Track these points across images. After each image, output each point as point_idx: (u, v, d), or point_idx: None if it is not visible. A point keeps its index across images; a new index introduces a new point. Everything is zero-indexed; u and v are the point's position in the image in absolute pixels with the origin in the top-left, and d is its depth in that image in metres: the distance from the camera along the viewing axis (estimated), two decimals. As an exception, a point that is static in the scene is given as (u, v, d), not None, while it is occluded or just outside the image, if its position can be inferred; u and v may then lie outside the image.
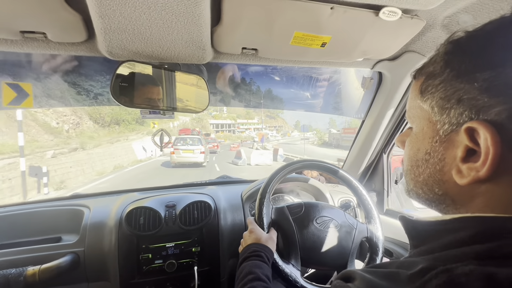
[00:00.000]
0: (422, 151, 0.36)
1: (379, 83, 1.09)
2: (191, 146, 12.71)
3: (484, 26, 0.31)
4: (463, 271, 0.24)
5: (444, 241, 0.30)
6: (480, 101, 0.28)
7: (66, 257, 0.92)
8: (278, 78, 1.61)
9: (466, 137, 0.30)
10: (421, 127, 0.36)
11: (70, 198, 1.28)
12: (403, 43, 0.81)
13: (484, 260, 0.25)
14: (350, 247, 0.87)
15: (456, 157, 0.31)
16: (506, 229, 0.27)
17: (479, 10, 0.64)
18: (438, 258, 0.29)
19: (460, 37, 0.32)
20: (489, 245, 0.26)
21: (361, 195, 0.97)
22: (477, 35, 0.31)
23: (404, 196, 1.30)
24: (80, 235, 0.99)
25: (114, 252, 0.96)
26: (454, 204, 0.34)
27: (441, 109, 0.32)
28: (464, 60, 0.30)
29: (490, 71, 0.28)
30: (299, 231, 0.86)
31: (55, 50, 0.73)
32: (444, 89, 0.32)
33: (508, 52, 0.27)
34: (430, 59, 0.36)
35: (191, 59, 0.82)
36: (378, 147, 1.27)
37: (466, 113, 0.30)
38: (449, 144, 0.32)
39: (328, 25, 0.69)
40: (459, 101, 0.30)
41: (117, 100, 0.79)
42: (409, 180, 0.40)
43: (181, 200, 1.11)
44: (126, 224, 0.98)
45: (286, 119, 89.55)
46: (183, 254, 1.02)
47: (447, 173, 0.33)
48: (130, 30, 0.65)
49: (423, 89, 0.35)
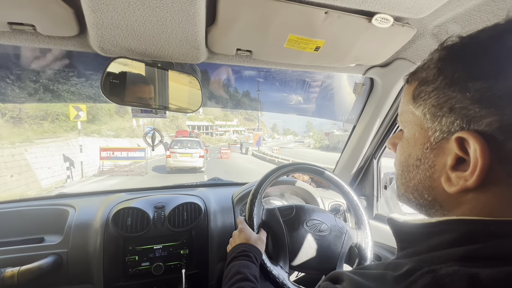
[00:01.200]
0: (413, 157, 0.36)
1: (371, 89, 1.11)
2: (189, 149, 11.51)
3: (478, 33, 0.31)
4: (447, 271, 0.25)
5: (430, 243, 0.31)
6: (472, 111, 0.28)
7: (48, 258, 0.89)
8: (260, 80, 1.61)
9: (456, 146, 0.30)
10: (413, 132, 0.37)
11: (55, 197, 1.24)
12: (394, 50, 0.83)
13: (468, 261, 0.26)
14: (339, 251, 0.86)
15: (446, 165, 0.32)
16: (489, 231, 0.27)
17: (467, 20, 0.66)
18: (423, 260, 0.29)
19: (454, 43, 0.33)
20: (473, 247, 0.27)
21: (352, 201, 0.97)
22: (471, 43, 0.31)
23: (393, 202, 1.32)
24: (64, 235, 0.96)
25: (99, 254, 0.93)
26: (442, 209, 0.34)
27: (433, 116, 0.33)
28: (457, 69, 0.30)
29: (483, 81, 0.28)
30: (289, 233, 0.85)
31: (44, 44, 0.71)
32: (436, 96, 0.32)
33: (501, 63, 0.28)
34: (424, 64, 0.36)
35: (185, 59, 0.81)
36: (368, 152, 1.28)
37: (457, 122, 0.30)
38: (439, 151, 0.33)
39: (322, 29, 0.70)
40: (451, 110, 0.30)
41: (107, 97, 0.77)
42: (400, 185, 0.40)
43: (171, 201, 1.09)
44: (113, 225, 0.96)
45: (264, 122, 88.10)
46: (171, 257, 1.00)
47: (437, 180, 0.33)
48: (123, 26, 0.64)
49: (416, 94, 0.35)
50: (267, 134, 66.23)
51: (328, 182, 1.00)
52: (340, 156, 1.40)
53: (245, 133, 55.67)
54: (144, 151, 11.81)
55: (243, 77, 1.73)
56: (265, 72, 1.70)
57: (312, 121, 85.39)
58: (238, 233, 0.81)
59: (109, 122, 22.53)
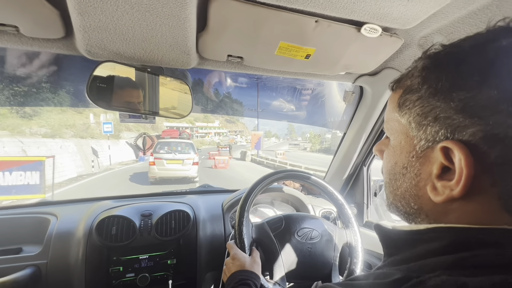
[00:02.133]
0: (399, 165, 0.36)
1: (360, 97, 1.13)
2: (179, 154, 9.07)
3: (460, 42, 0.31)
4: (435, 282, 0.25)
5: (418, 250, 0.31)
6: (456, 120, 0.29)
7: (25, 270, 0.84)
8: (239, 84, 1.57)
9: (442, 155, 0.30)
10: (399, 140, 0.36)
11: (36, 205, 1.18)
12: (382, 60, 0.85)
13: (456, 269, 0.26)
14: (332, 255, 0.87)
15: (431, 173, 0.32)
16: (478, 239, 0.27)
17: (451, 32, 0.69)
18: (412, 269, 0.29)
19: (437, 52, 0.33)
20: (462, 255, 0.27)
21: (336, 200, 0.97)
22: (453, 52, 0.31)
23: (382, 209, 1.33)
24: (44, 246, 0.91)
25: (81, 265, 0.89)
26: (428, 218, 0.34)
27: (418, 125, 0.33)
28: (441, 78, 0.30)
29: (466, 91, 0.28)
30: (281, 247, 0.84)
31: (28, 46, 0.69)
32: (421, 105, 0.32)
33: (483, 73, 0.28)
34: (408, 72, 0.36)
35: (175, 64, 0.80)
36: (358, 160, 1.30)
37: (442, 132, 0.30)
38: (425, 160, 0.33)
39: (312, 37, 0.70)
40: (436, 119, 0.30)
41: (93, 101, 0.75)
42: (388, 193, 0.40)
43: (158, 209, 1.06)
44: (97, 234, 0.92)
45: (246, 124, 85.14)
46: (157, 267, 0.97)
47: (422, 189, 0.33)
48: (111, 30, 0.63)
49: (401, 103, 0.35)
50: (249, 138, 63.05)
51: (314, 186, 1.00)
52: (330, 163, 1.40)
53: (231, 135, 53.02)
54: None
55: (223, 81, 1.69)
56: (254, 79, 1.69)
57: (294, 123, 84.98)
58: (232, 261, 0.77)
59: (52, 116, 17.23)
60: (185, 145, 9.64)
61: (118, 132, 23.83)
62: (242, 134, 64.32)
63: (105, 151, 16.11)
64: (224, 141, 41.35)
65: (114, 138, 19.75)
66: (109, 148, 16.46)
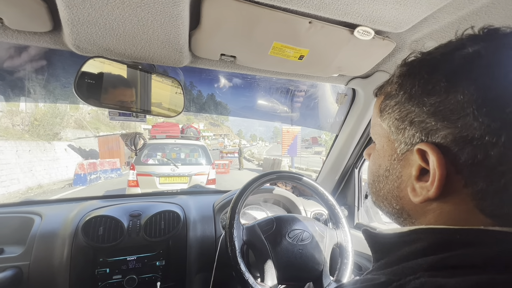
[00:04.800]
0: (382, 168, 0.38)
1: (353, 100, 1.14)
2: (183, 166, 5.08)
3: (433, 50, 0.33)
4: (414, 285, 0.25)
5: (402, 253, 0.32)
6: (429, 124, 0.30)
7: (6, 272, 0.81)
8: (222, 84, 1.52)
9: (419, 157, 0.31)
10: (382, 144, 0.38)
11: (20, 204, 1.15)
12: (375, 62, 0.86)
13: (436, 270, 0.26)
14: (323, 256, 0.87)
15: (411, 175, 0.33)
16: (456, 240, 0.28)
17: (442, 37, 0.70)
18: (395, 272, 0.29)
19: (414, 59, 0.35)
20: (441, 255, 0.27)
21: (327, 201, 0.98)
22: (426, 60, 0.33)
23: (373, 211, 1.34)
24: (27, 246, 0.88)
25: (65, 266, 0.86)
26: (410, 218, 0.36)
27: (396, 129, 0.35)
28: (415, 84, 0.32)
29: (436, 96, 0.30)
30: (272, 249, 0.84)
31: (13, 39, 0.67)
32: (399, 110, 0.34)
33: (450, 79, 0.29)
34: (389, 79, 0.38)
35: (167, 61, 0.79)
36: (350, 162, 1.30)
37: (417, 135, 0.32)
38: (405, 163, 0.34)
39: (306, 38, 0.70)
40: (411, 123, 0.32)
41: (82, 98, 0.73)
42: (372, 193, 0.42)
43: (148, 209, 1.04)
44: (83, 234, 0.89)
45: (231, 127, 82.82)
46: (145, 269, 0.95)
47: (404, 190, 0.35)
48: (101, 24, 0.61)
49: (382, 108, 0.37)
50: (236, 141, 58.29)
51: (306, 187, 1.00)
52: (322, 165, 1.41)
53: (216, 138, 48.86)
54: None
55: (206, 81, 1.60)
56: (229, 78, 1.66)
57: (279, 126, 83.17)
58: None
59: None
60: (192, 149, 5.62)
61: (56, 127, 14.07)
62: (227, 137, 61.99)
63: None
64: (212, 144, 35.03)
65: (47, 139, 12.21)
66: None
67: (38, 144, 11.28)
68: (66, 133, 15.34)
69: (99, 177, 9.84)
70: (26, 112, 13.46)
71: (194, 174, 5.04)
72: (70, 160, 12.57)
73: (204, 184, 5.01)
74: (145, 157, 5.15)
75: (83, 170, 8.99)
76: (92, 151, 15.24)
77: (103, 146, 13.71)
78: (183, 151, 5.59)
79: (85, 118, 19.88)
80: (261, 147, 50.62)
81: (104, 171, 10.42)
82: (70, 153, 13.34)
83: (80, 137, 16.11)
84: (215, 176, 5.35)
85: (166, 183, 4.88)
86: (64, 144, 13.41)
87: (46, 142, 11.83)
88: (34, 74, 1.51)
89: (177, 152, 5.53)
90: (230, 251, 0.80)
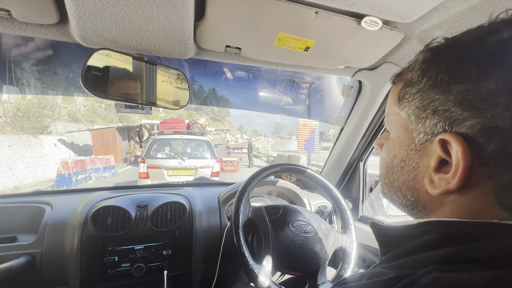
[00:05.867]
0: (398, 158, 0.37)
1: (359, 92, 1.12)
2: (189, 159, 5.67)
3: (462, 35, 0.31)
4: (427, 281, 0.25)
5: (410, 245, 0.31)
6: (454, 113, 0.29)
7: (20, 258, 0.84)
8: (226, 77, 1.49)
9: (440, 148, 0.30)
10: (398, 134, 0.37)
11: (31, 194, 1.18)
12: (382, 54, 0.84)
13: (447, 264, 0.26)
14: (323, 254, 0.86)
15: (429, 167, 0.32)
16: (467, 233, 0.28)
17: (452, 27, 0.68)
18: (404, 265, 0.29)
19: (439, 45, 0.33)
20: (452, 249, 0.27)
21: (339, 204, 0.97)
22: (454, 45, 0.31)
23: (377, 204, 1.34)
24: (39, 235, 0.91)
25: (75, 254, 0.89)
26: (424, 210, 0.35)
27: (417, 118, 0.33)
28: (441, 70, 0.30)
29: (465, 84, 0.28)
30: (274, 232, 0.84)
31: (21, 31, 0.67)
32: (420, 98, 0.32)
33: (482, 66, 0.28)
34: (409, 65, 0.36)
35: (173, 53, 0.79)
36: (355, 155, 1.30)
37: (440, 124, 0.30)
38: (423, 153, 0.33)
39: (312, 29, 0.69)
40: (434, 112, 0.31)
41: (88, 89, 0.74)
42: (384, 184, 0.41)
43: (154, 200, 1.06)
44: (92, 224, 0.92)
45: (232, 122, 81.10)
46: (152, 257, 0.97)
47: (420, 181, 0.34)
48: (106, 16, 0.61)
49: (401, 96, 0.35)
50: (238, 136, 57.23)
51: (318, 184, 1.00)
52: (327, 157, 1.40)
53: (217, 133, 46.83)
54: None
55: (207, 75, 1.58)
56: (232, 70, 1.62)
57: (280, 121, 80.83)
58: None
59: None
60: (197, 144, 6.21)
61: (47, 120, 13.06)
62: (229, 132, 60.29)
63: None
64: (216, 140, 31.21)
65: (32, 133, 10.90)
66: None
67: (21, 138, 9.89)
68: (56, 126, 13.79)
69: (88, 177, 8.54)
70: (10, 102, 11.85)
71: (199, 167, 5.63)
72: (60, 156, 10.76)
73: (209, 176, 5.52)
74: (155, 151, 5.77)
75: (67, 169, 7.58)
76: (86, 146, 14.04)
77: (97, 140, 12.73)
78: (189, 146, 6.21)
79: (79, 111, 18.23)
80: (264, 142, 50.14)
81: (96, 169, 8.91)
82: (60, 149, 11.89)
83: (71, 131, 14.51)
84: (219, 169, 5.89)
85: (174, 175, 5.50)
86: (54, 139, 11.97)
87: (31, 136, 10.48)
88: (20, 59, 1.43)
89: (183, 146, 6.13)
90: (233, 223, 0.81)
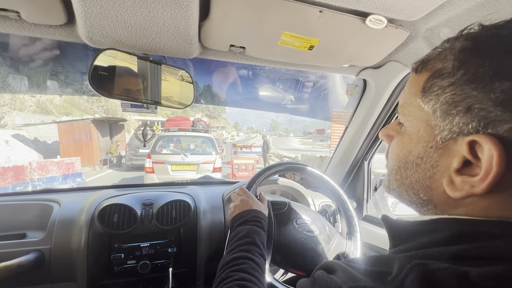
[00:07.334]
0: (413, 154, 0.34)
1: (363, 91, 1.12)
2: (193, 155, 6.05)
3: (508, 23, 0.27)
4: (438, 267, 0.24)
5: (422, 240, 0.30)
6: (493, 113, 0.26)
7: (29, 255, 0.86)
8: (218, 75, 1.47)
9: (467, 148, 0.28)
10: (417, 128, 0.33)
11: (40, 192, 1.20)
12: (387, 52, 0.83)
13: (458, 260, 0.26)
14: (324, 256, 0.85)
15: (450, 167, 0.30)
16: (480, 231, 0.27)
17: (459, 25, 0.67)
18: (413, 256, 0.29)
19: (479, 32, 0.29)
20: (464, 246, 0.26)
21: (347, 211, 0.97)
22: (502, 35, 0.27)
23: (382, 203, 1.33)
24: (47, 232, 0.93)
25: (83, 251, 0.91)
26: (435, 209, 0.33)
27: (444, 114, 0.29)
28: (484, 64, 0.26)
29: (511, 82, 0.25)
30: (277, 227, 0.85)
31: (29, 32, 0.69)
32: (453, 93, 0.28)
33: None
34: (439, 53, 0.32)
35: (177, 53, 0.80)
36: (359, 154, 1.29)
37: (473, 124, 0.27)
38: (444, 152, 0.30)
39: (316, 28, 0.69)
40: (468, 110, 0.27)
41: (95, 89, 0.75)
42: (393, 180, 0.38)
43: (160, 199, 1.07)
44: (99, 221, 0.93)
45: (227, 119, 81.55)
46: (158, 255, 0.98)
47: (437, 181, 0.31)
48: (113, 17, 0.62)
49: (427, 87, 0.31)
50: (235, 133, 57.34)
51: (315, 178, 1.00)
52: (331, 156, 1.40)
53: (214, 130, 48.27)
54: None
55: (203, 72, 1.55)
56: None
57: (276, 118, 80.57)
58: (247, 199, 0.80)
59: None
60: (201, 141, 6.44)
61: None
62: (225, 129, 60.92)
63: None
64: (213, 137, 15.37)
65: None
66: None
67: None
68: (13, 118, 10.54)
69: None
70: None
71: (202, 162, 5.94)
72: (13, 157, 8.14)
73: (211, 172, 5.92)
74: (160, 147, 6.11)
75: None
76: (57, 144, 10.75)
77: (65, 137, 9.96)
78: (193, 142, 6.48)
79: (52, 101, 14.70)
80: (260, 140, 50.08)
81: (50, 179, 6.36)
82: (15, 147, 8.99)
83: (30, 124, 10.79)
84: (220, 165, 6.24)
85: (177, 170, 5.86)
86: (6, 133, 9.16)
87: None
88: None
89: (187, 142, 6.44)
90: None
